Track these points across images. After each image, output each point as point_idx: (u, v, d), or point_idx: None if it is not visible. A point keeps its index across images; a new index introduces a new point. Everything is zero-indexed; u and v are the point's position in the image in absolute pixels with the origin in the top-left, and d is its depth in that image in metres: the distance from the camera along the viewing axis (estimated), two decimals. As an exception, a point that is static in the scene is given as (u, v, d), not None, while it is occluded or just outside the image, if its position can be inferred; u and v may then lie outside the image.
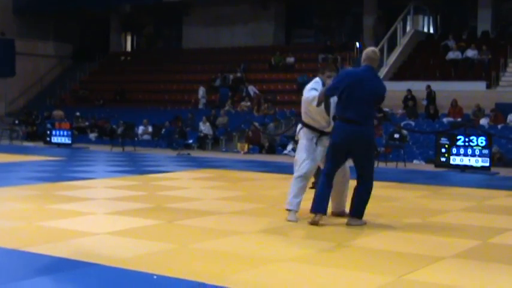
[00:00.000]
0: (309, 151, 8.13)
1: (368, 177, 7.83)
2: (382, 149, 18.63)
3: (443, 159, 15.71)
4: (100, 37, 38.25)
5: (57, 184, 11.65)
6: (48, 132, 23.84)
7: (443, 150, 15.76)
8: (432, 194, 11.12)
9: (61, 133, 23.42)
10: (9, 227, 7.49)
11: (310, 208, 7.84)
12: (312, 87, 8.20)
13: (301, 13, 34.73)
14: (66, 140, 23.18)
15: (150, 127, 25.78)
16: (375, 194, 8.33)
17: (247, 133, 23.55)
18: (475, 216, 8.81)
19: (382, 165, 16.62)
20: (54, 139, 23.40)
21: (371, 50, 8.02)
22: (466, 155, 15.30)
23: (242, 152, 22.00)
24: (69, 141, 23.18)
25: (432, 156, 17.69)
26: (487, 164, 15.20)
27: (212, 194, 10.68)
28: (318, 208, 7.75)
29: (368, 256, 6.34)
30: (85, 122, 28.21)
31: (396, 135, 17.64)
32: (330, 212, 8.16)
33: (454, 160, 15.44)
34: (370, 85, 7.73)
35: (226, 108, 27.21)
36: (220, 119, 25.58)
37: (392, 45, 28.69)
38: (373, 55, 7.91)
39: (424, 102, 23.56)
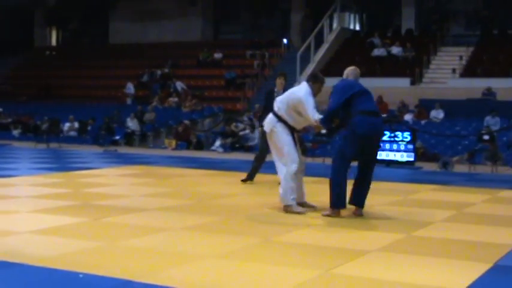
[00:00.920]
0: (293, 143, 8.43)
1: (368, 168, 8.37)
2: (309, 144, 18.80)
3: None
4: (24, 31, 37.45)
5: (-21, 182, 11.36)
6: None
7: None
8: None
9: (-18, 129, 22.86)
10: None
11: (331, 204, 8.11)
12: (311, 103, 8.38)
13: (229, 9, 34.74)
14: (-13, 137, 22.65)
15: (76, 123, 25.39)
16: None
17: (176, 129, 23.43)
18: (400, 209, 8.97)
19: (309, 160, 16.75)
20: (-25, 136, 22.85)
21: (353, 68, 8.54)
22: (391, 150, 15.57)
23: (170, 148, 21.88)
24: (-9, 138, 22.66)
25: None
26: (412, 159, 15.50)
27: (139, 190, 10.59)
28: (341, 205, 8.14)
29: (295, 251, 6.39)
30: (7, 118, 27.57)
31: (323, 131, 17.77)
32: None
33: (380, 155, 15.65)
34: (367, 89, 8.36)
35: (154, 104, 27.02)
36: (147, 114, 25.39)
37: (319, 42, 28.96)
38: (355, 71, 8.49)
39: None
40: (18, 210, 8.38)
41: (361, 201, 8.34)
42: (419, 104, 23.38)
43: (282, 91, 10.27)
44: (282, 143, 8.46)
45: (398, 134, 15.58)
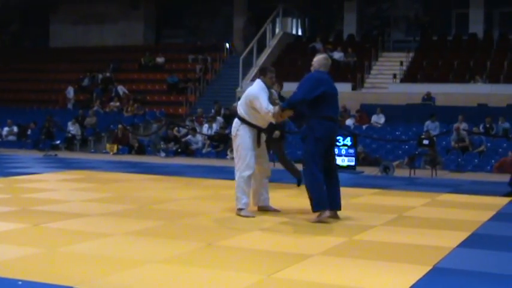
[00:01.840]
0: (254, 148, 8.49)
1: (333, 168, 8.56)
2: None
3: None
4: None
5: None
6: None
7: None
8: (300, 193, 11.31)
9: None
10: None
11: (314, 209, 8.16)
12: (262, 96, 8.49)
13: (172, 13, 34.63)
14: None
15: (15, 127, 24.97)
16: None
17: (115, 133, 23.22)
18: (341, 213, 9.03)
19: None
20: None
21: (323, 57, 8.69)
22: (332, 154, 15.65)
23: (111, 153, 21.68)
24: None
25: (301, 156, 18.00)
26: (353, 163, 15.64)
27: (80, 195, 10.46)
28: (325, 205, 8.18)
29: (237, 255, 6.39)
30: None
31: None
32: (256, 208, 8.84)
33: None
34: (336, 90, 8.62)
35: (95, 108, 26.75)
36: (88, 119, 25.11)
37: (261, 46, 29.08)
38: (326, 61, 8.62)
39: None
40: (-45, 217, 8.20)
41: (339, 203, 8.49)
42: (360, 109, 23.65)
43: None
44: (242, 146, 8.52)
45: (340, 138, 15.69)
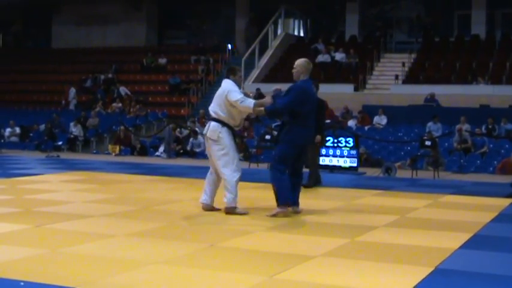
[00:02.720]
0: (235, 149, 8.87)
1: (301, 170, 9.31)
2: (254, 150, 18.84)
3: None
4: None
5: None
6: None
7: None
8: (302, 194, 11.32)
9: None
10: None
11: (282, 202, 8.67)
12: (235, 89, 8.82)
13: (174, 14, 34.67)
14: None
15: (17, 128, 24.99)
16: (248, 196, 8.65)
17: (117, 134, 23.23)
18: (344, 215, 9.05)
19: (253, 166, 16.81)
20: None
21: (306, 62, 9.07)
22: (334, 155, 15.65)
23: (113, 154, 21.67)
24: None
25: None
26: (355, 165, 15.62)
27: (82, 196, 10.46)
28: (289, 201, 8.77)
29: (240, 256, 6.39)
30: None
31: (267, 137, 17.82)
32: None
33: (323, 161, 15.75)
34: (315, 99, 9.36)
35: (97, 109, 26.77)
36: (90, 120, 25.13)
37: (263, 47, 29.09)
38: (309, 66, 9.08)
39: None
40: (-42, 218, 8.20)
41: (297, 199, 9.04)
42: (362, 110, 23.65)
43: None
44: (227, 149, 8.72)
45: (342, 139, 15.68)
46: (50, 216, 8.45)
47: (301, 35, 33.40)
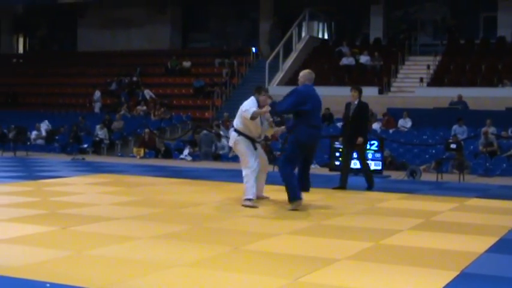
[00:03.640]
0: (252, 150, 9.90)
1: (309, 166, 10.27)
2: (278, 153, 18.82)
3: (337, 163, 15.97)
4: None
5: None
6: None
7: (337, 154, 16.05)
8: (326, 197, 11.32)
9: None
10: None
11: (291, 200, 9.44)
12: (250, 106, 9.78)
13: (198, 17, 34.77)
14: (-49, 145, 22.27)
15: (43, 131, 25.17)
16: (272, 198, 8.61)
17: (142, 137, 23.33)
18: (368, 218, 9.02)
19: (277, 169, 16.78)
20: None
21: (308, 72, 10.02)
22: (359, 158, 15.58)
23: (138, 157, 21.76)
24: (-45, 146, 22.28)
25: (327, 160, 17.99)
26: (379, 168, 15.57)
27: (107, 199, 10.52)
28: (299, 196, 9.49)
29: (263, 259, 6.40)
30: (-27, 127, 27.22)
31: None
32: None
33: (348, 164, 15.70)
34: (320, 101, 10.00)
35: (122, 112, 26.89)
36: (115, 123, 25.25)
37: (288, 50, 29.07)
38: (311, 75, 9.97)
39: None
40: (-15, 220, 8.28)
41: (308, 186, 10.15)
42: (387, 113, 23.55)
43: (356, 103, 12.59)
44: (243, 153, 9.95)
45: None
46: (76, 218, 8.51)
47: (326, 37, 33.34)
